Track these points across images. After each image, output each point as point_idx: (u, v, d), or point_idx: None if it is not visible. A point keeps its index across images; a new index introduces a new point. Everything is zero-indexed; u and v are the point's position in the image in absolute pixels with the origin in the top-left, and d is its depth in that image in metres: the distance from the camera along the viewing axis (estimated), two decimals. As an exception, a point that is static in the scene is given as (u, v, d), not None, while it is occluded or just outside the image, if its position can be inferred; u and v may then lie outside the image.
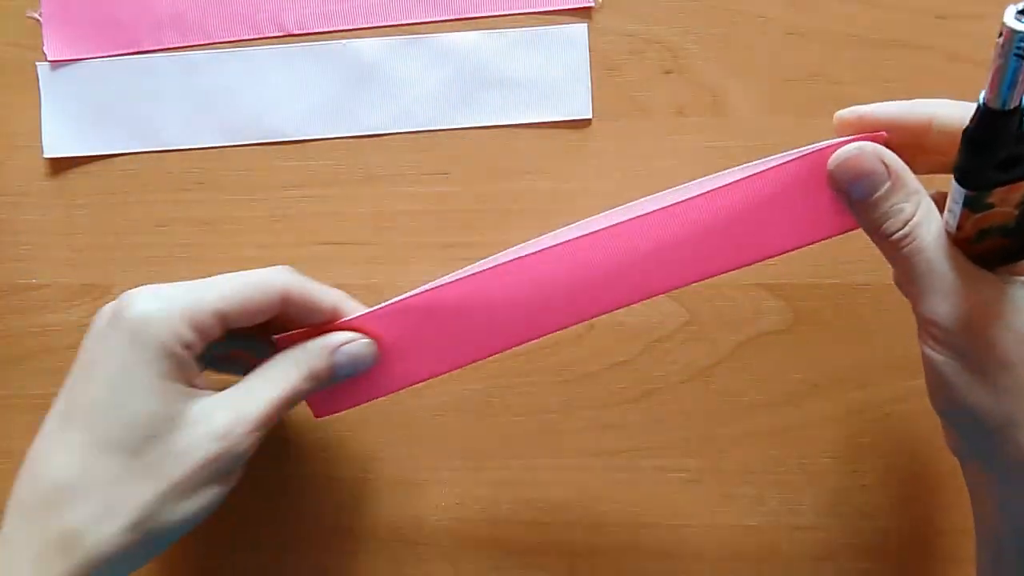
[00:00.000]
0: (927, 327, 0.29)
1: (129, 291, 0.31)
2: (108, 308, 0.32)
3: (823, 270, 0.40)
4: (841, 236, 0.40)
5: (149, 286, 0.32)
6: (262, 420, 0.31)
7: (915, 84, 0.39)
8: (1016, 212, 0.27)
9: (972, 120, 0.25)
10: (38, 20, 0.42)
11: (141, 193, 0.42)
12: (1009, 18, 0.23)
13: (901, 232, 0.28)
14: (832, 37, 0.40)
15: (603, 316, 0.40)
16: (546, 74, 0.40)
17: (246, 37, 0.41)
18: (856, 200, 0.29)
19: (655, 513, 0.40)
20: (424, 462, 0.41)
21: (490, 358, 0.41)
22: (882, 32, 0.40)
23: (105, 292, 0.41)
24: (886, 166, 0.29)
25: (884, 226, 0.29)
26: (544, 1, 0.40)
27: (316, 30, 0.41)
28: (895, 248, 0.29)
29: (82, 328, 0.41)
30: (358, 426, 0.41)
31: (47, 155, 0.42)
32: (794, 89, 0.40)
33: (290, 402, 0.32)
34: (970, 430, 0.29)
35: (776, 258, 0.40)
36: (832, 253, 0.40)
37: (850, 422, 0.40)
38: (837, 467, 0.40)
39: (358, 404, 0.36)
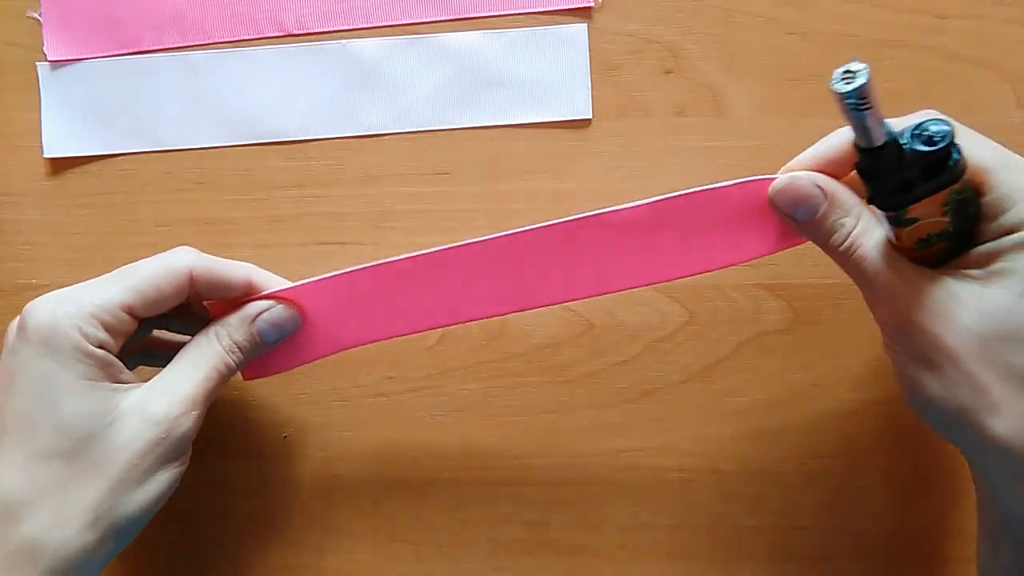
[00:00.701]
0: (882, 330, 0.31)
1: (32, 301, 0.32)
2: (15, 322, 0.32)
3: (823, 270, 0.40)
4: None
5: (52, 292, 0.32)
6: (195, 399, 0.32)
7: (915, 84, 0.40)
8: (947, 219, 0.29)
9: (856, 157, 0.29)
10: (38, 20, 0.42)
11: (141, 193, 0.42)
12: (835, 83, 0.26)
13: (846, 243, 0.31)
14: (832, 37, 0.40)
15: (603, 316, 0.40)
16: (546, 74, 0.40)
17: (246, 37, 0.41)
18: (801, 221, 0.32)
19: (655, 513, 0.40)
20: (424, 462, 0.41)
21: (488, 357, 0.41)
22: (882, 32, 0.40)
23: (105, 292, 0.41)
24: (821, 188, 0.31)
25: (831, 240, 0.31)
26: (544, 1, 0.40)
27: (316, 30, 0.41)
28: (843, 257, 0.31)
29: (82, 328, 0.41)
30: (359, 426, 0.41)
31: (47, 155, 0.42)
32: (794, 89, 0.40)
33: (220, 376, 0.33)
34: (940, 424, 0.30)
35: (775, 259, 0.40)
36: (832, 253, 0.40)
37: (850, 422, 0.40)
38: (837, 467, 0.40)
39: (287, 369, 0.37)
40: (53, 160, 0.42)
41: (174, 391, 0.32)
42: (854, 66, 0.26)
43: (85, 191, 0.42)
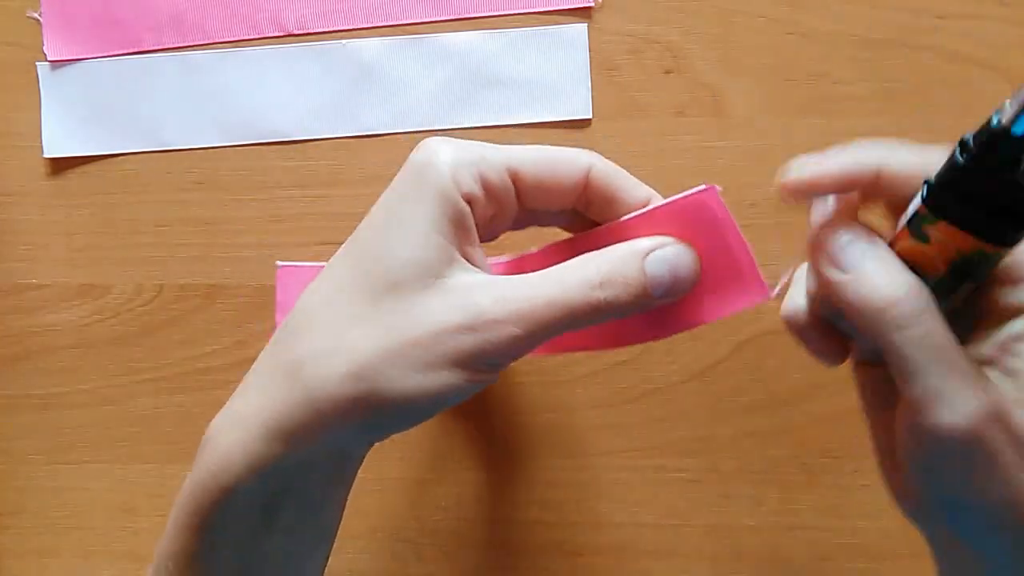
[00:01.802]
0: (916, 448, 0.24)
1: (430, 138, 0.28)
2: None
3: (823, 270, 0.40)
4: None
5: (448, 138, 0.28)
6: (524, 315, 0.25)
7: (915, 84, 0.40)
8: (945, 270, 0.24)
9: (979, 137, 0.22)
10: (38, 20, 0.42)
11: (141, 193, 0.42)
12: None
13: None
14: (832, 37, 0.40)
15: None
16: (546, 74, 0.40)
17: (246, 37, 0.41)
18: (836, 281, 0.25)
19: (655, 513, 0.40)
20: (424, 462, 0.41)
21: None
22: (882, 32, 0.40)
23: (105, 292, 0.41)
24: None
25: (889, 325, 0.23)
26: (544, 1, 0.40)
27: (316, 30, 0.41)
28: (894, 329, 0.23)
29: (82, 328, 0.41)
30: (358, 426, 0.41)
31: (47, 155, 0.42)
32: (794, 89, 0.40)
33: (572, 309, 0.26)
34: (973, 526, 0.25)
35: (776, 259, 0.40)
36: (832, 253, 0.40)
37: (850, 422, 0.40)
38: (837, 467, 0.40)
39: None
40: (53, 160, 0.42)
41: (509, 294, 0.26)
42: None
43: (85, 191, 0.42)
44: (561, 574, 0.40)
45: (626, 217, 0.28)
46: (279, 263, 0.40)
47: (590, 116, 0.40)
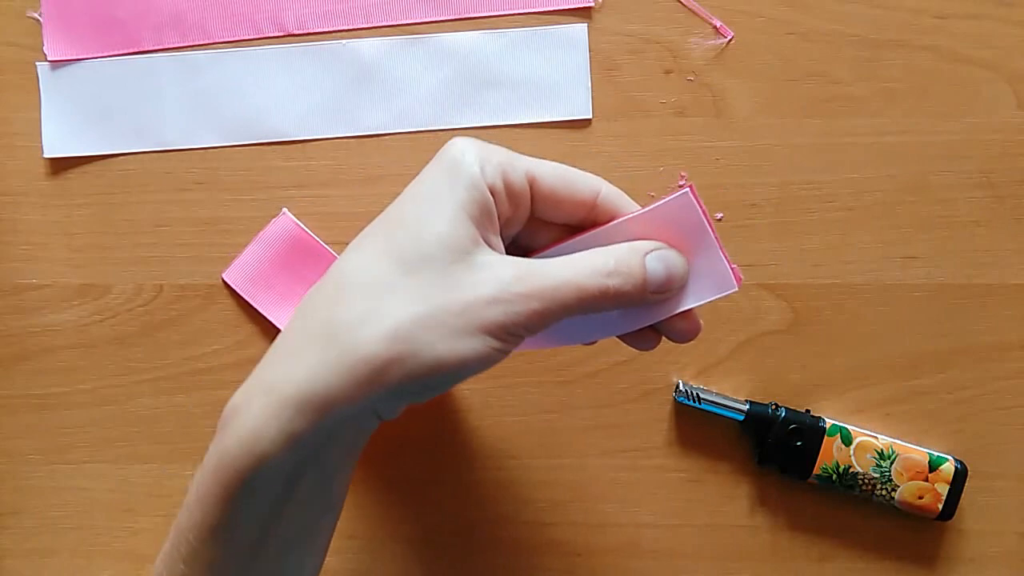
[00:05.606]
0: None
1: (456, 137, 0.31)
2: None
3: (823, 270, 0.40)
4: (841, 235, 0.40)
5: (474, 139, 0.31)
6: (548, 294, 0.28)
7: (915, 84, 0.40)
8: None
9: None
10: (38, 20, 0.42)
11: (141, 193, 0.42)
12: None
13: None
14: (832, 37, 0.40)
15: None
16: (546, 74, 0.40)
17: (246, 37, 0.41)
18: None
19: (655, 513, 0.40)
20: (424, 462, 0.41)
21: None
22: (882, 32, 0.40)
23: (105, 292, 0.41)
24: None
25: None
26: (544, 1, 0.40)
27: (316, 30, 0.41)
28: None
29: (82, 328, 0.41)
30: (358, 426, 0.41)
31: (47, 155, 0.42)
32: (794, 89, 0.40)
33: (584, 292, 0.29)
34: None
35: (775, 259, 0.40)
36: (832, 253, 0.40)
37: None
38: (837, 467, 0.40)
39: None
40: (53, 160, 0.42)
41: (531, 273, 0.28)
42: None
43: (85, 191, 0.42)
44: (561, 574, 0.40)
45: (619, 220, 0.30)
46: (285, 210, 0.41)
47: (590, 116, 0.40)
